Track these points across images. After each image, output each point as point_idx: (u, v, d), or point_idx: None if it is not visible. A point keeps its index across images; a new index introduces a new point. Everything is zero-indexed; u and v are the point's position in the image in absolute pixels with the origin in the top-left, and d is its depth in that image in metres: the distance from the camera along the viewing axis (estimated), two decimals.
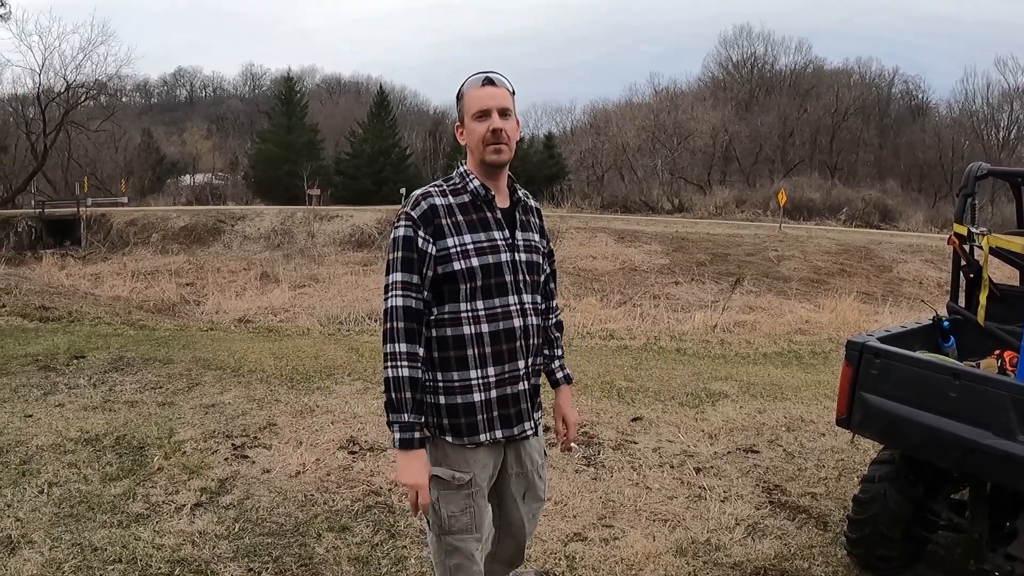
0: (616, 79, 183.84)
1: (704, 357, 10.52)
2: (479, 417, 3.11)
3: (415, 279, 3.00)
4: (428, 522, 3.27)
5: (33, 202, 44.45)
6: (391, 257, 3.03)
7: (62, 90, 45.58)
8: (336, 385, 8.15)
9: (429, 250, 3.01)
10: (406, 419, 2.97)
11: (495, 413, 3.15)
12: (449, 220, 3.06)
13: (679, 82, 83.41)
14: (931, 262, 28.96)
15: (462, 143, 3.25)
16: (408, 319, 2.99)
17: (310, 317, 17.88)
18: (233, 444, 6.22)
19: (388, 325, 3.01)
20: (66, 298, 15.13)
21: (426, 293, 3.03)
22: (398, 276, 3.00)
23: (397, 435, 2.97)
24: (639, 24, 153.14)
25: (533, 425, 3.31)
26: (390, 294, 3.01)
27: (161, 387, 7.95)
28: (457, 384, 3.07)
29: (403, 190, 43.75)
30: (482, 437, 3.13)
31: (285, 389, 7.98)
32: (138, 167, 66.55)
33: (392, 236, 3.04)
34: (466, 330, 3.07)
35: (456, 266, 3.03)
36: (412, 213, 3.04)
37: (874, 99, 72.47)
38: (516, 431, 3.22)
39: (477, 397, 3.10)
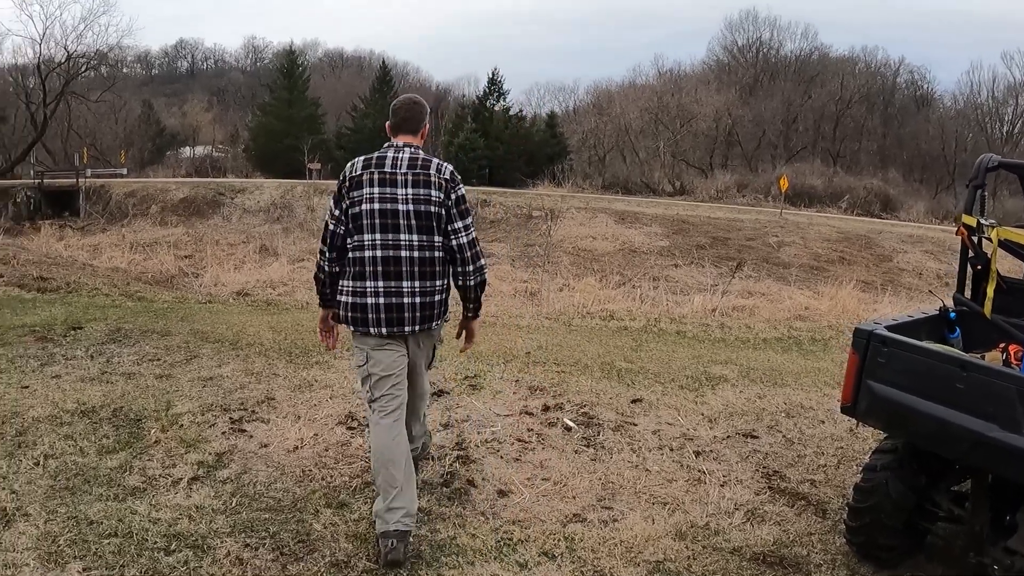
0: (620, 60, 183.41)
1: (704, 340, 10.46)
2: None
3: None
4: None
5: (32, 172, 44.39)
6: (469, 204, 4.54)
7: (63, 60, 45.26)
8: (335, 360, 8.06)
9: None
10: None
11: None
12: None
13: (683, 64, 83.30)
14: (931, 253, 28.95)
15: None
16: None
17: (308, 291, 17.82)
18: (231, 418, 6.18)
19: (480, 247, 4.57)
20: (64, 269, 15.05)
21: None
22: None
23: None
24: (644, 5, 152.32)
25: None
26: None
27: (159, 359, 7.89)
28: None
29: None
30: None
31: (283, 363, 7.92)
32: (138, 138, 66.42)
33: (464, 190, 4.49)
34: None
35: None
36: None
37: (879, 88, 72.20)
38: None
39: None
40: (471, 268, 4.43)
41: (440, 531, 4.48)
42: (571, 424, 6.32)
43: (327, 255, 4.49)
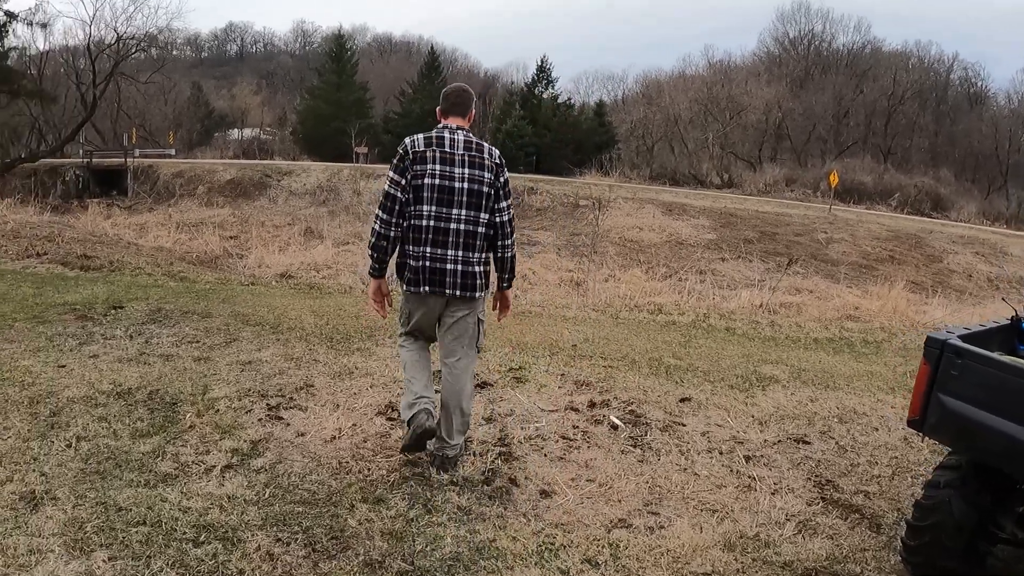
0: (670, 51, 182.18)
1: (754, 338, 10.17)
2: None
3: None
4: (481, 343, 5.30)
5: (81, 152, 44.78)
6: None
7: (112, 42, 45.55)
8: (377, 347, 7.94)
9: None
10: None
11: None
12: None
13: (734, 56, 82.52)
14: (982, 255, 28.32)
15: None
16: None
17: (353, 275, 17.72)
18: (268, 404, 6.04)
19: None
20: (108, 247, 15.01)
21: None
22: None
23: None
24: None
25: None
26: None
27: (198, 341, 7.79)
28: None
29: None
30: None
31: (324, 349, 7.79)
32: (187, 120, 67.08)
33: (508, 173, 5.16)
34: None
35: None
36: None
37: (931, 84, 70.89)
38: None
39: None
40: (509, 242, 5.11)
41: (479, 532, 4.30)
42: (618, 422, 6.11)
43: (392, 221, 4.93)
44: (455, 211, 4.88)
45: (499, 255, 5.12)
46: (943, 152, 64.22)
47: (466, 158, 4.91)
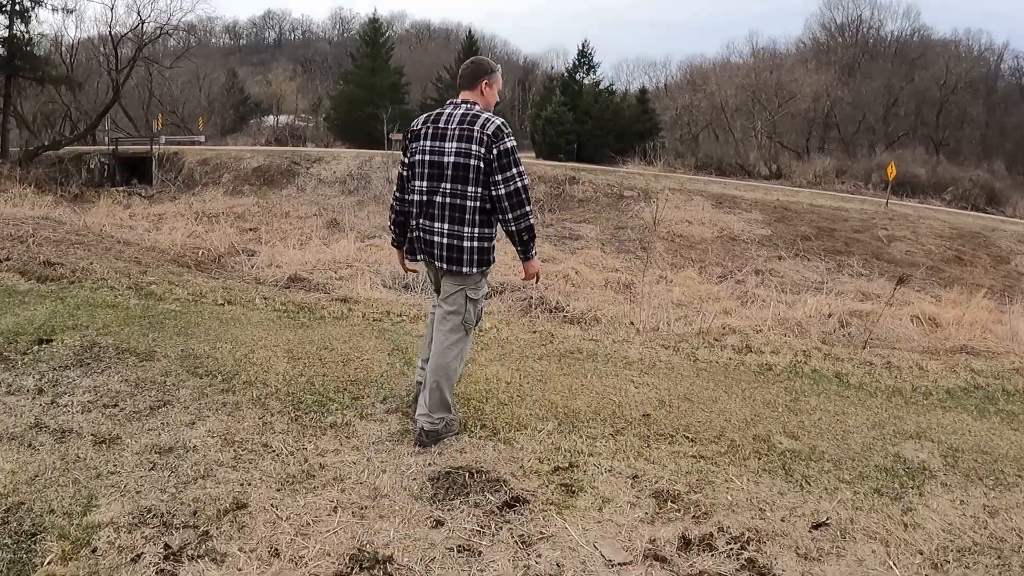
0: (712, 37, 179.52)
1: (875, 392, 7.52)
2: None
3: None
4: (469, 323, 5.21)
5: (107, 139, 43.99)
6: (518, 155, 4.98)
7: (135, 25, 44.57)
8: (361, 421, 5.51)
9: None
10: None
11: None
12: None
13: (778, 43, 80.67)
14: None
15: (495, 96, 5.22)
16: None
17: (374, 276, 15.61)
18: (167, 545, 3.78)
19: (530, 194, 4.99)
20: (85, 249, 12.89)
21: None
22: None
23: (535, 250, 5.18)
24: None
25: None
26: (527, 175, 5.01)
27: (117, 405, 5.56)
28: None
29: None
30: None
31: (285, 421, 5.45)
32: (220, 106, 66.33)
33: (512, 142, 4.91)
34: None
35: None
36: None
37: (982, 74, 68.37)
38: None
39: None
40: (510, 216, 4.93)
41: None
42: None
43: (401, 197, 5.31)
44: (443, 185, 4.93)
45: (504, 229, 5.07)
46: (994, 144, 61.69)
47: (456, 132, 4.89)
